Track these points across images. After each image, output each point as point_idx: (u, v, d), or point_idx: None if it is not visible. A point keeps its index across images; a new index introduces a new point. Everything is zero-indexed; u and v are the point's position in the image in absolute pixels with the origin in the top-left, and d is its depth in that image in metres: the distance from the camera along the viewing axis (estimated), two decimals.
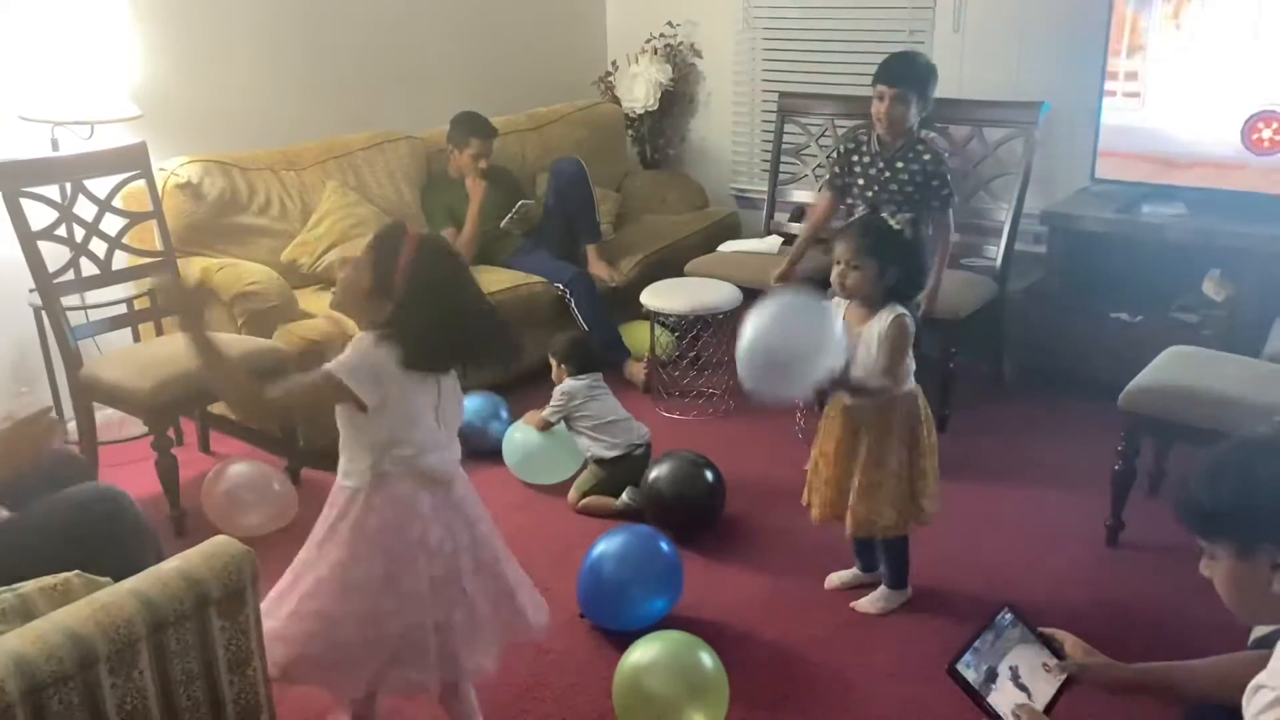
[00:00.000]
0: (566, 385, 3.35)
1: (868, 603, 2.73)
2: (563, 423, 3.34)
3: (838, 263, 2.52)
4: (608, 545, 2.59)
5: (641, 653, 2.21)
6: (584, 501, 3.25)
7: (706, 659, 2.24)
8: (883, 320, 2.49)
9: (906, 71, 3.36)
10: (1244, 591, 1.37)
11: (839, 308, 2.56)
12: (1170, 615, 2.64)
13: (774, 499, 3.20)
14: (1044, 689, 1.68)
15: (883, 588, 2.73)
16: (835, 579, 2.84)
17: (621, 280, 4.37)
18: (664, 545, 2.65)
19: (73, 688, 1.44)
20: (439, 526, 1.99)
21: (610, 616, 2.41)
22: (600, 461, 3.28)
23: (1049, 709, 1.65)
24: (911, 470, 2.56)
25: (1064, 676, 1.69)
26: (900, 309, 2.50)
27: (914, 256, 2.60)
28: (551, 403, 3.34)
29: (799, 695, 2.42)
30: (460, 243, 4.12)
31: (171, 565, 1.63)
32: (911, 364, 2.56)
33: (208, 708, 1.65)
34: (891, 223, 2.60)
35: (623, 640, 2.38)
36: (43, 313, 3.40)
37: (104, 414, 3.43)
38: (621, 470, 3.24)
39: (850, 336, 2.49)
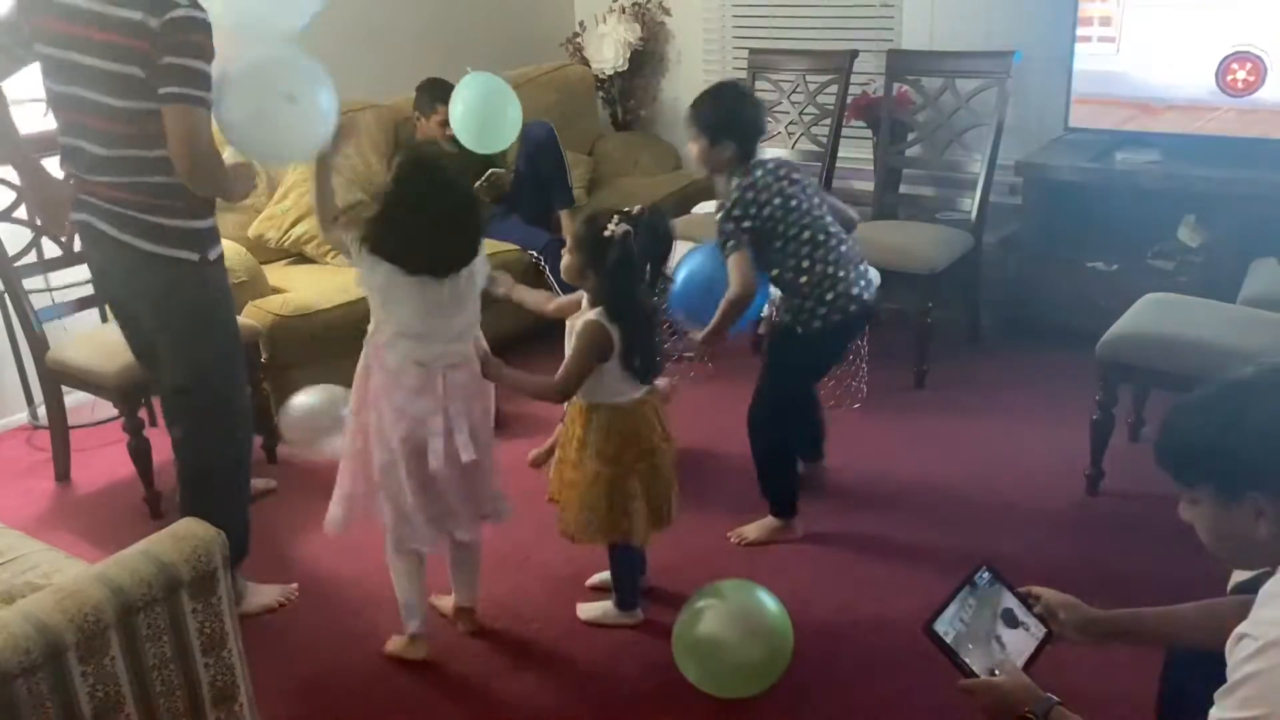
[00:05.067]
0: None
1: (593, 607, 2.58)
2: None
3: None
4: (690, 261, 2.83)
5: (703, 603, 2.24)
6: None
7: (769, 600, 2.25)
8: (582, 318, 2.34)
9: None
10: (1226, 537, 1.35)
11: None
12: (1151, 562, 2.65)
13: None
14: (1022, 646, 1.67)
15: (608, 602, 2.57)
16: (596, 578, 2.67)
17: None
18: None
19: (41, 678, 1.42)
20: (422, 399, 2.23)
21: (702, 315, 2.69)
22: None
23: (1028, 666, 1.63)
24: (616, 484, 2.35)
25: (1043, 633, 1.68)
26: (597, 317, 2.29)
27: (606, 269, 2.28)
28: None
29: None
30: None
31: (139, 549, 1.60)
32: (612, 377, 2.33)
33: (183, 691, 1.63)
34: (610, 225, 2.27)
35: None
36: (4, 296, 3.33)
37: (74, 397, 3.36)
38: None
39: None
